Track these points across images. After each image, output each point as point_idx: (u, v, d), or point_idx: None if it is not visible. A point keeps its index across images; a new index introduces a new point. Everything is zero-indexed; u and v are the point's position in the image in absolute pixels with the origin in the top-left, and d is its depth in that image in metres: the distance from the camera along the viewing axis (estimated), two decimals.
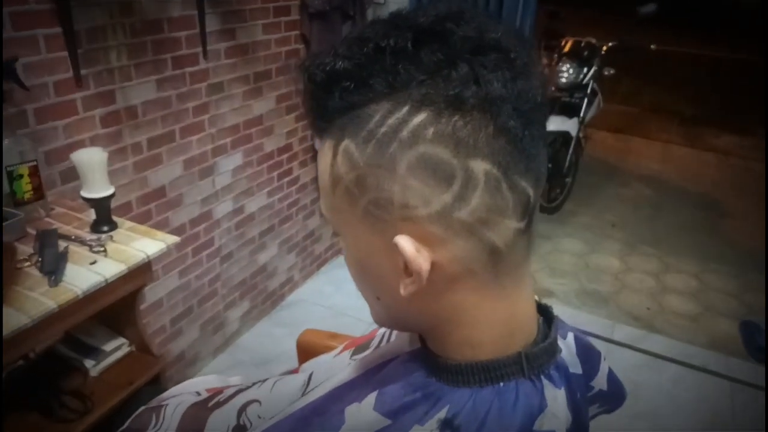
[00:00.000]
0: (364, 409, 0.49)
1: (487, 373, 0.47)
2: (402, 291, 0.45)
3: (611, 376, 0.63)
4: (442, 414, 0.45)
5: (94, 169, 1.22)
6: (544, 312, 0.54)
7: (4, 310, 1.00)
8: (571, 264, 3.13)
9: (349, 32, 0.46)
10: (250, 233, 2.24)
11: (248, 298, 2.34)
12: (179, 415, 0.84)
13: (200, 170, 1.89)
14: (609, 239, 3.41)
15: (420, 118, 0.41)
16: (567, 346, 0.55)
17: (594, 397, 0.62)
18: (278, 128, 2.22)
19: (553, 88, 3.58)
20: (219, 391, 0.87)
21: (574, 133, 3.44)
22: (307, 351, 1.21)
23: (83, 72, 1.40)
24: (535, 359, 0.48)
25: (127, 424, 0.87)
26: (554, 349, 0.50)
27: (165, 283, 1.87)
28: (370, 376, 0.56)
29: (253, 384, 0.85)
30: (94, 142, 1.48)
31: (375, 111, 0.42)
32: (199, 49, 1.72)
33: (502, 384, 0.46)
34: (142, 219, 1.70)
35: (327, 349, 0.86)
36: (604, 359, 0.62)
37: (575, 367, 0.55)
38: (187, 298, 2.00)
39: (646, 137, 5.35)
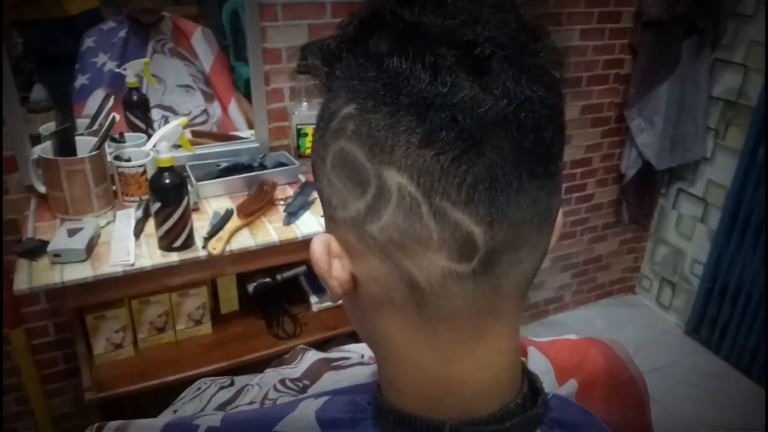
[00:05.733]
0: (310, 408, 0.48)
1: (403, 426, 0.41)
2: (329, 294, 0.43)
3: None
4: None
5: None
6: (534, 396, 0.43)
7: (252, 237, 1.28)
8: None
9: None
10: None
11: None
12: (308, 362, 0.95)
13: None
14: None
15: (347, 110, 0.37)
16: None
17: None
18: (578, 140, 2.09)
19: None
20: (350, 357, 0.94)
21: None
22: None
23: None
24: None
25: (288, 354, 1.03)
26: None
27: None
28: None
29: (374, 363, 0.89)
30: None
31: (329, 97, 0.40)
32: None
33: None
34: None
35: None
36: None
37: None
38: None
39: None
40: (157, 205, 1.13)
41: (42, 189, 1.28)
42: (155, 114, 1.70)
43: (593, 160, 2.18)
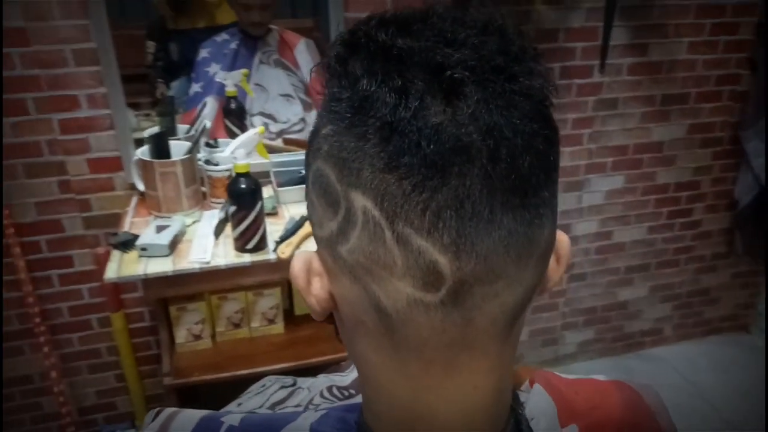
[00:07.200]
0: (307, 420, 0.50)
1: None
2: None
3: None
4: None
5: None
6: None
7: None
8: None
9: None
10: (615, 263, 2.07)
11: (594, 328, 2.19)
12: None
13: (567, 182, 1.86)
14: None
15: (325, 130, 0.37)
16: None
17: None
18: (683, 161, 1.93)
19: None
20: None
21: None
22: None
23: None
24: None
25: (345, 361, 1.06)
26: None
27: None
28: None
29: None
30: None
31: (317, 117, 0.40)
32: (596, 62, 1.67)
33: None
34: None
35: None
36: None
37: None
38: None
39: None
40: (233, 208, 1.21)
41: (141, 187, 1.41)
42: (257, 121, 1.81)
43: (702, 183, 2.00)
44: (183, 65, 1.93)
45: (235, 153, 1.18)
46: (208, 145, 1.55)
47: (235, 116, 1.68)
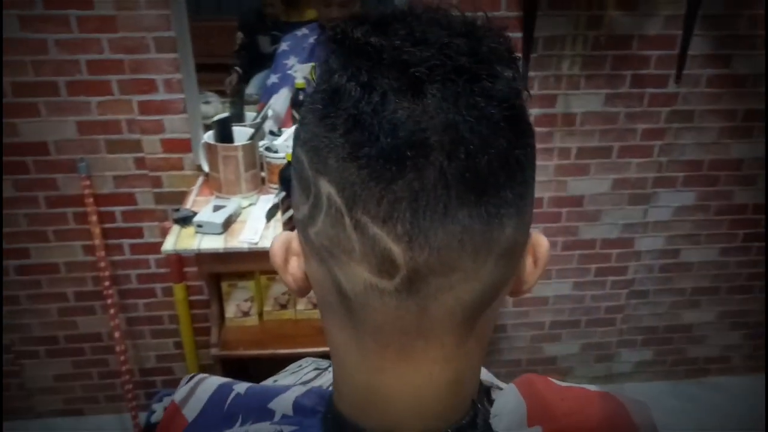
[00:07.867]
0: (294, 393, 0.53)
1: (336, 426, 0.44)
2: None
3: None
4: None
5: None
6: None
7: None
8: None
9: None
10: (681, 284, 1.97)
11: (653, 348, 2.10)
12: None
13: (632, 195, 1.79)
14: None
15: (305, 119, 0.40)
16: None
17: None
18: (765, 181, 1.80)
19: None
20: None
21: None
22: None
23: (531, 74, 1.57)
24: None
25: None
26: None
27: (556, 285, 1.93)
28: None
29: None
30: None
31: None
32: (671, 72, 1.59)
33: None
34: (550, 219, 1.79)
35: None
36: None
37: None
38: (574, 311, 1.99)
39: None
40: (283, 194, 1.26)
41: (206, 169, 1.50)
42: None
43: None
44: (269, 57, 2.02)
45: (288, 141, 1.23)
46: (272, 133, 1.62)
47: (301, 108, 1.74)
